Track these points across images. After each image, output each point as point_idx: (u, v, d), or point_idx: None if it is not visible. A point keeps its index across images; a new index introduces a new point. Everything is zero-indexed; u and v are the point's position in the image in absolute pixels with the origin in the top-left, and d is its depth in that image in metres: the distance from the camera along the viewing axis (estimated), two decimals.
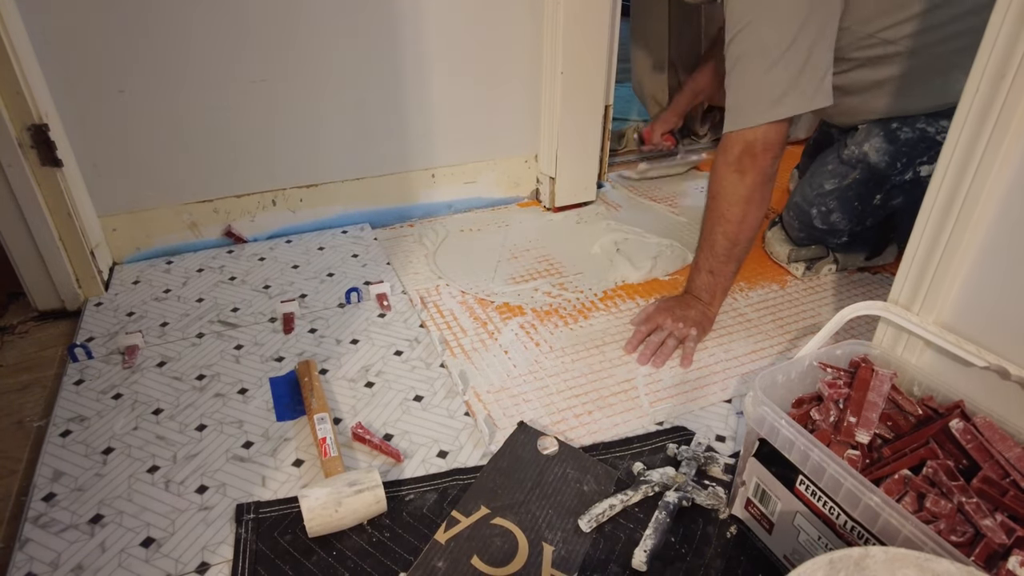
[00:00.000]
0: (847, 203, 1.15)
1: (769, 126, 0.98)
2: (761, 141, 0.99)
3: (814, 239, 1.26)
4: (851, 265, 1.30)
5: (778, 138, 0.99)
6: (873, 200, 1.14)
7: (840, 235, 1.21)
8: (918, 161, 1.08)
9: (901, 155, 1.08)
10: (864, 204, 1.15)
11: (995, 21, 0.61)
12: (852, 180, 1.13)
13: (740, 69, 0.98)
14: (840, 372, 0.74)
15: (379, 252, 1.35)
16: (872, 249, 1.30)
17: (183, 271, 1.28)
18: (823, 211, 1.18)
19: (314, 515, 0.74)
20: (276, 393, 0.97)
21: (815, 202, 1.18)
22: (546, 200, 1.56)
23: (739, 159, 1.00)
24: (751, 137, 0.99)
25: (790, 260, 1.30)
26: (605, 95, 1.47)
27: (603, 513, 0.77)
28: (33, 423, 0.95)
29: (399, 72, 1.34)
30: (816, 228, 1.21)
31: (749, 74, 0.97)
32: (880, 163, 1.09)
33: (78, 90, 1.14)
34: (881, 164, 1.09)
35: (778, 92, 0.95)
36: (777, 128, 0.98)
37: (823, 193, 1.17)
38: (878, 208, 1.15)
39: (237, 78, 1.23)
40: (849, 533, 0.61)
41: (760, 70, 0.95)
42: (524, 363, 1.05)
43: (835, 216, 1.17)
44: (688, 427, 0.92)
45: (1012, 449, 0.61)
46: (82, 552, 0.74)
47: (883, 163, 1.09)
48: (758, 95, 0.97)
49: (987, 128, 0.64)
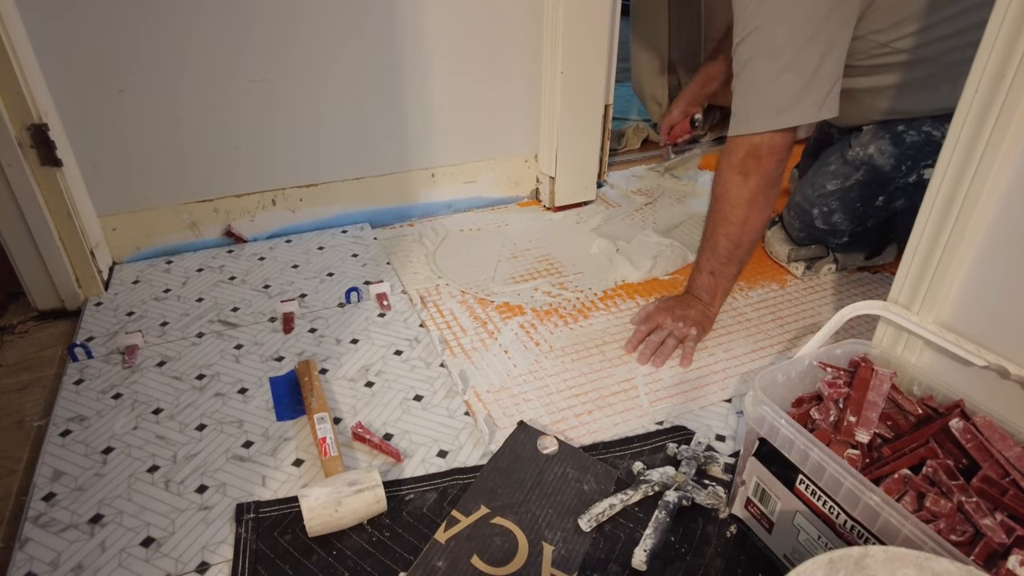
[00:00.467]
0: (849, 204, 1.15)
1: (775, 132, 0.97)
2: (767, 145, 0.98)
3: (814, 239, 1.26)
4: (851, 265, 1.30)
5: (784, 143, 0.99)
6: (875, 202, 1.14)
7: (841, 235, 1.21)
8: (923, 164, 1.08)
9: (906, 158, 1.08)
10: (866, 205, 1.15)
11: (995, 21, 0.61)
12: (855, 181, 1.13)
13: (748, 72, 0.97)
14: (840, 371, 0.74)
15: (379, 252, 1.35)
16: (872, 249, 1.30)
17: (183, 271, 1.28)
18: (825, 211, 1.18)
19: (314, 515, 0.74)
20: (276, 393, 0.97)
21: (816, 202, 1.18)
22: (546, 200, 1.56)
23: (743, 162, 1.00)
24: (757, 141, 0.98)
25: (790, 259, 1.30)
26: (605, 95, 1.47)
27: (603, 512, 0.77)
28: (33, 423, 0.95)
29: (399, 71, 1.34)
30: (817, 228, 1.21)
31: (757, 79, 0.96)
32: (885, 165, 1.10)
33: (78, 90, 1.14)
34: (886, 167, 1.10)
35: (786, 100, 0.94)
36: (783, 134, 0.98)
37: (825, 194, 1.17)
38: (880, 209, 1.15)
39: (237, 78, 1.23)
40: (849, 532, 0.61)
41: (769, 76, 0.94)
42: (524, 363, 1.05)
43: (837, 217, 1.17)
44: (688, 426, 0.92)
45: (1012, 448, 0.61)
46: (82, 552, 0.74)
47: (888, 165, 1.09)
48: (765, 102, 0.96)
49: (987, 128, 0.64)
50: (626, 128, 1.93)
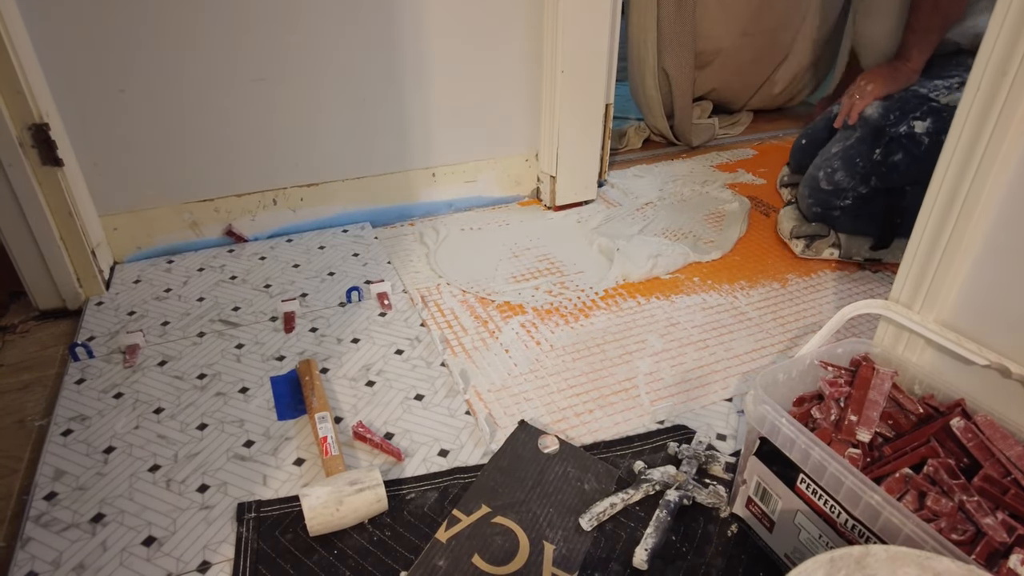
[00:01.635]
0: (849, 160, 1.25)
1: None
2: None
3: (821, 206, 1.31)
4: (855, 252, 1.30)
5: None
6: (873, 155, 1.23)
7: (844, 195, 1.27)
8: (911, 116, 1.20)
9: (894, 108, 1.22)
10: (865, 160, 1.24)
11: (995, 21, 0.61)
12: (854, 139, 1.25)
13: None
14: (841, 371, 0.74)
15: (380, 251, 1.35)
16: (878, 236, 1.29)
17: (184, 270, 1.28)
18: (828, 172, 1.27)
19: (315, 514, 0.74)
20: (277, 392, 0.98)
21: (822, 166, 1.29)
22: (547, 199, 1.56)
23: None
24: None
25: (792, 235, 1.35)
26: (605, 94, 1.47)
27: (604, 512, 0.77)
28: (34, 422, 0.95)
29: (399, 71, 1.34)
30: (822, 191, 1.29)
31: None
32: (874, 115, 1.24)
33: (79, 89, 1.14)
34: (875, 115, 1.24)
35: None
36: None
37: (829, 156, 1.29)
38: (879, 164, 1.22)
39: (238, 77, 1.23)
40: (850, 531, 0.61)
41: None
42: (525, 362, 1.05)
43: (839, 175, 1.26)
44: (689, 426, 0.92)
45: (1013, 447, 0.61)
46: (84, 551, 0.74)
47: (877, 114, 1.23)
48: None
49: (988, 127, 0.64)
50: (627, 127, 1.93)
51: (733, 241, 1.40)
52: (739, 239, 1.42)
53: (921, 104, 1.21)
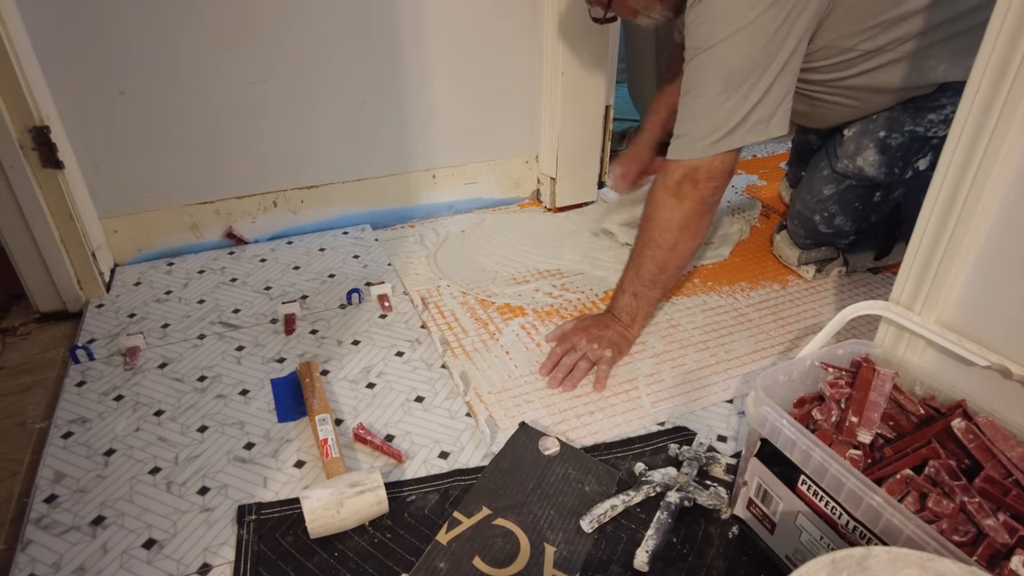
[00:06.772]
0: (848, 205, 1.15)
1: (715, 155, 0.93)
2: (706, 169, 0.94)
3: (821, 243, 1.25)
4: (860, 266, 1.30)
5: (724, 168, 0.95)
6: (873, 198, 1.14)
7: (847, 235, 1.22)
8: (914, 160, 1.08)
9: (896, 161, 1.07)
10: (865, 204, 1.15)
11: (995, 21, 0.61)
12: (848, 186, 1.13)
13: (695, 94, 0.92)
14: (842, 372, 0.74)
15: (380, 253, 1.35)
16: (881, 247, 1.29)
17: (184, 272, 1.28)
18: (826, 216, 1.17)
19: (316, 516, 0.74)
20: (277, 394, 0.97)
21: (816, 208, 1.17)
22: (547, 200, 1.56)
23: (679, 184, 0.96)
24: (696, 164, 0.94)
25: (800, 263, 1.28)
26: (606, 95, 1.47)
27: (605, 513, 0.77)
28: (35, 425, 0.95)
29: (399, 72, 1.34)
30: (822, 233, 1.20)
31: (704, 99, 0.91)
32: (879, 175, 1.09)
33: (79, 92, 1.14)
34: (880, 176, 1.09)
35: (732, 122, 0.91)
36: (724, 158, 0.94)
37: (823, 199, 1.16)
38: (880, 204, 1.16)
39: (238, 79, 1.23)
40: (851, 533, 0.61)
41: (716, 97, 0.90)
42: (525, 364, 1.05)
43: (839, 220, 1.17)
44: (690, 427, 0.92)
45: (1014, 448, 0.61)
46: (84, 554, 0.74)
47: (881, 174, 1.09)
48: (710, 123, 0.92)
49: (988, 127, 0.64)
50: (627, 128, 1.93)
51: (734, 242, 1.40)
52: (739, 240, 1.42)
53: (922, 146, 1.06)
